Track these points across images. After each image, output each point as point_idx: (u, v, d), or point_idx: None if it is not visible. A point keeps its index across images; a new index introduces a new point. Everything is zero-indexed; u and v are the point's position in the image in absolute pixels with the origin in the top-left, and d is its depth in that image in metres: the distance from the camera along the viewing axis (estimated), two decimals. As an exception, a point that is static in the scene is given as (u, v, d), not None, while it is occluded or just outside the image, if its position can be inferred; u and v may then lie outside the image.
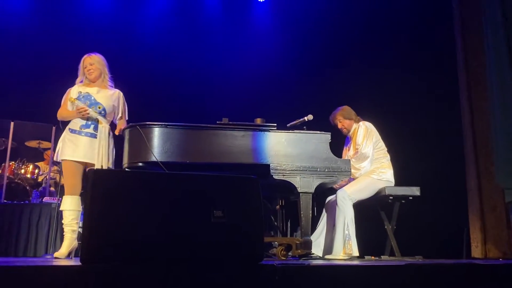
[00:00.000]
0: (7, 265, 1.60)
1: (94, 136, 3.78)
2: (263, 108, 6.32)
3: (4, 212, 4.97)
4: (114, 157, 3.97)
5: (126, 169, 4.05)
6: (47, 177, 5.89)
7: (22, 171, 5.90)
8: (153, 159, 3.71)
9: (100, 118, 3.82)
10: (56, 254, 3.59)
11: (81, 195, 3.71)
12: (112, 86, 4.05)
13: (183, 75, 7.19)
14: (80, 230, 3.91)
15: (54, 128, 5.84)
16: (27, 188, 5.83)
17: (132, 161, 3.87)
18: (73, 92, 3.88)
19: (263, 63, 7.16)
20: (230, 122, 3.86)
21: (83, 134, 3.77)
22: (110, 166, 3.86)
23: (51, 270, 1.48)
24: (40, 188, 5.81)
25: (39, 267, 1.53)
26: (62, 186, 5.90)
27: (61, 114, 3.87)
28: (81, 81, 3.97)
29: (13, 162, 5.85)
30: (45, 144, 6.26)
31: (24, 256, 4.84)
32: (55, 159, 3.90)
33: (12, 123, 5.78)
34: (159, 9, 7.87)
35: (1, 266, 1.59)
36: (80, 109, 3.73)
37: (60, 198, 5.33)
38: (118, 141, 4.01)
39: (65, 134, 3.81)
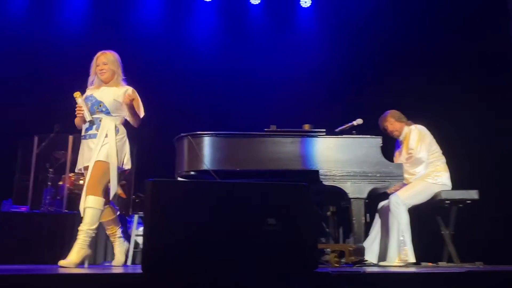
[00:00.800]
0: (71, 273, 1.69)
1: (95, 136, 3.46)
2: (310, 114, 6.28)
3: (66, 221, 5.21)
4: (126, 155, 3.59)
5: (179, 178, 4.18)
6: (104, 187, 6.14)
7: (81, 182, 6.17)
8: (204, 167, 3.79)
9: (102, 116, 3.50)
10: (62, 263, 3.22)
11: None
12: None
13: (229, 83, 7.30)
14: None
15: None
16: (86, 198, 6.09)
17: (184, 170, 3.97)
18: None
19: (309, 68, 7.14)
20: (278, 129, 3.89)
21: (87, 137, 3.52)
22: (123, 165, 3.53)
23: (113, 278, 1.55)
24: (99, 198, 6.04)
25: (103, 275, 1.61)
26: (118, 196, 6.16)
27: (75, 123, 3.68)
28: (92, 82, 3.68)
29: (72, 174, 6.13)
30: (101, 156, 6.52)
31: (82, 264, 5.05)
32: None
33: (70, 137, 6.07)
34: (203, 18, 8.03)
35: (64, 274, 1.69)
36: (76, 109, 3.49)
37: (118, 208, 5.56)
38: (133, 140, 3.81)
39: None
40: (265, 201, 1.78)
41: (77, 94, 3.51)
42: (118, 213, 3.83)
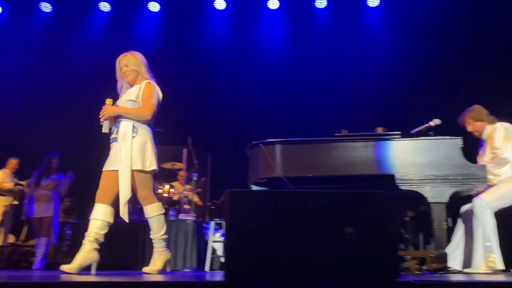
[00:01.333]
0: (155, 281, 1.78)
1: (115, 140, 3.36)
2: (382, 116, 6.14)
3: (147, 228, 5.47)
4: (148, 156, 3.34)
5: (252, 186, 4.25)
6: (181, 195, 6.38)
7: (160, 191, 6.46)
8: (277, 174, 3.83)
9: (121, 118, 3.36)
10: (146, 269, 3.33)
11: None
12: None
13: (298, 89, 7.32)
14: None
15: (185, 150, 6.32)
16: (165, 206, 6.36)
17: (257, 177, 4.04)
18: None
19: (379, 69, 6.98)
20: (350, 134, 3.83)
21: (111, 141, 3.41)
22: (146, 166, 3.32)
23: (198, 286, 1.62)
24: (176, 206, 6.30)
25: (186, 283, 1.68)
26: (195, 203, 6.38)
27: None
28: (121, 88, 3.57)
29: (152, 183, 6.44)
30: (178, 165, 6.80)
31: (164, 270, 5.25)
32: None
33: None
34: (270, 25, 8.12)
35: (148, 282, 1.78)
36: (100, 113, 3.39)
37: (195, 215, 5.76)
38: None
39: None
40: (342, 209, 1.77)
41: (108, 100, 3.41)
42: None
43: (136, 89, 3.43)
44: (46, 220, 5.91)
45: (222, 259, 5.47)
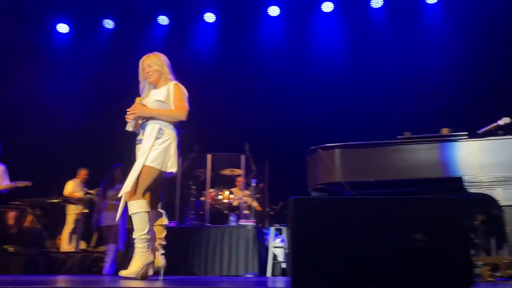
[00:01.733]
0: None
1: (140, 141, 3.34)
2: (447, 117, 5.89)
3: (209, 234, 5.58)
4: (171, 158, 3.29)
5: (312, 191, 4.22)
6: (241, 201, 6.46)
7: (220, 197, 6.57)
8: (337, 179, 3.78)
9: (149, 120, 3.35)
10: (124, 273, 3.14)
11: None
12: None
13: (356, 92, 7.18)
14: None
15: (243, 156, 6.40)
16: (225, 212, 6.46)
17: (316, 182, 4.01)
18: None
19: (441, 68, 6.71)
20: (413, 136, 3.71)
21: (137, 143, 3.39)
22: (167, 168, 3.26)
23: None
24: (236, 212, 6.38)
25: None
26: (254, 209, 6.43)
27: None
28: (142, 90, 3.55)
29: (212, 190, 6.57)
30: (236, 171, 6.89)
31: (228, 274, 5.32)
32: None
33: (209, 156, 6.53)
34: (325, 28, 8.06)
35: None
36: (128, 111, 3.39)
37: (255, 220, 5.80)
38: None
39: None
40: (412, 216, 1.72)
41: (138, 99, 3.43)
42: (165, 222, 3.47)
43: (164, 90, 3.40)
44: (113, 228, 6.19)
45: (284, 265, 5.45)
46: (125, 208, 6.25)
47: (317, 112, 7.28)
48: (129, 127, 3.38)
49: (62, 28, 8.59)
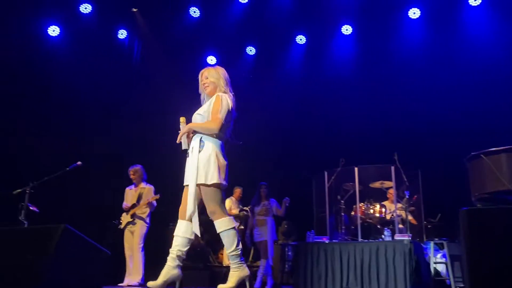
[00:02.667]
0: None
1: (189, 155, 3.42)
2: None
3: (363, 249, 5.45)
4: (211, 169, 3.29)
5: (477, 201, 3.86)
6: (394, 215, 6.19)
7: (371, 211, 6.38)
8: (506, 188, 3.41)
9: (194, 135, 3.42)
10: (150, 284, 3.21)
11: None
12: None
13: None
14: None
15: (393, 168, 6.16)
16: (378, 226, 6.25)
17: (482, 191, 3.67)
18: None
19: None
20: None
21: (187, 156, 3.44)
22: (203, 181, 3.28)
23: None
24: (390, 226, 6.12)
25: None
26: (409, 222, 6.11)
27: None
28: (203, 101, 3.59)
29: (362, 204, 6.42)
30: (387, 184, 6.64)
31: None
32: None
33: (356, 169, 6.42)
34: (471, 20, 7.46)
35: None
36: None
37: (411, 235, 5.51)
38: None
39: None
40: None
41: (182, 119, 3.47)
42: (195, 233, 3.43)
43: (208, 102, 3.46)
44: (263, 243, 6.46)
45: (448, 281, 5.07)
46: (271, 225, 6.51)
47: (469, 113, 6.71)
48: (184, 146, 3.44)
49: (211, 60, 9.36)
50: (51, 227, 2.04)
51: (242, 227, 7.34)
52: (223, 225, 3.27)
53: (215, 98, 3.41)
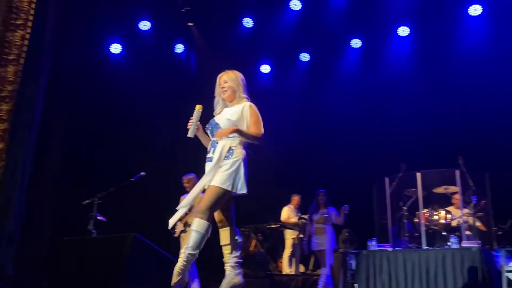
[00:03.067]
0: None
1: (210, 159, 3.26)
2: None
3: (428, 257, 5.24)
4: (240, 179, 3.19)
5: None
6: (461, 221, 5.91)
7: (435, 217, 6.13)
8: None
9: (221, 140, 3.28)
10: None
11: None
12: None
13: None
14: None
15: (457, 172, 5.90)
16: (443, 233, 5.99)
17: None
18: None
19: None
20: None
21: (206, 160, 3.32)
22: (237, 190, 3.16)
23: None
24: (457, 233, 5.85)
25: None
26: (478, 229, 5.82)
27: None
28: (216, 105, 3.52)
29: (426, 210, 6.19)
30: (451, 189, 6.36)
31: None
32: None
33: (418, 174, 6.20)
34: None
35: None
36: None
37: (480, 242, 5.24)
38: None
39: None
40: None
41: (199, 107, 3.41)
42: (239, 239, 3.31)
43: (237, 109, 3.33)
44: (322, 252, 6.39)
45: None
46: (331, 233, 6.43)
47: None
48: (190, 134, 3.37)
49: (265, 69, 9.44)
50: (122, 236, 2.13)
51: (302, 235, 7.30)
52: (200, 227, 3.11)
53: (249, 108, 3.34)
